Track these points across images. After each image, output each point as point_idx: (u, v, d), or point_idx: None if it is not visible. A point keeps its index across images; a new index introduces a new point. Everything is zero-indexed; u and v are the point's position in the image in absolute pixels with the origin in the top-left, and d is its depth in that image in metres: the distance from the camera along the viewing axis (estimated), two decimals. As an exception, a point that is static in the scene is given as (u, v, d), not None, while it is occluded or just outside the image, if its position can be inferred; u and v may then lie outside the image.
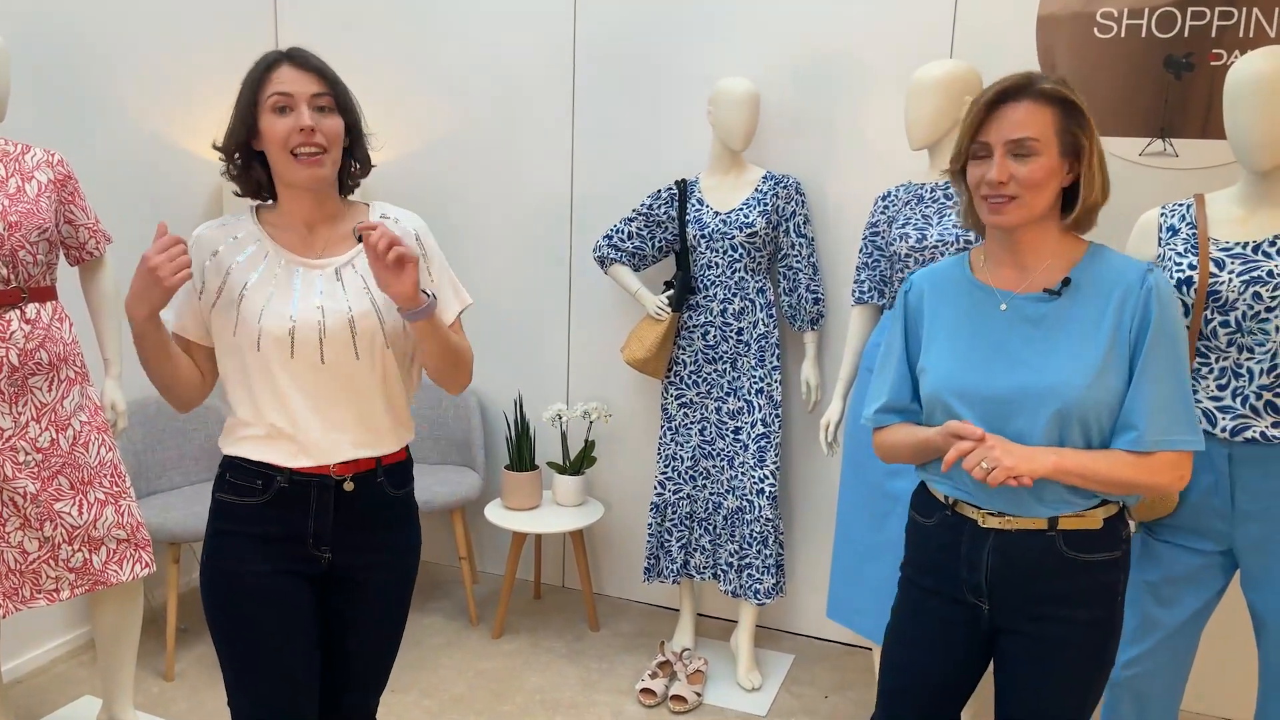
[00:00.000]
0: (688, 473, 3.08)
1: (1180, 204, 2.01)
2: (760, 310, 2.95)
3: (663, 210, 3.06)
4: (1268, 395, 1.84)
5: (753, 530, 2.94)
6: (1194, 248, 1.92)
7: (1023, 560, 1.58)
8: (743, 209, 2.93)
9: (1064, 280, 1.56)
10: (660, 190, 3.07)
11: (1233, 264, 1.87)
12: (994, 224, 1.57)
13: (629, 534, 3.59)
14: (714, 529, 3.08)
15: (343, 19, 3.68)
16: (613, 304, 3.47)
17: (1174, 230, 1.98)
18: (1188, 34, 2.67)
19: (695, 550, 3.12)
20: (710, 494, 3.07)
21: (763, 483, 2.93)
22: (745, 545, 2.97)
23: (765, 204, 2.92)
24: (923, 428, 1.66)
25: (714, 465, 3.05)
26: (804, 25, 3.08)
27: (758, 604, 2.98)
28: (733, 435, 3.00)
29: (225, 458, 1.71)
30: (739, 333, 2.96)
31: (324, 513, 1.68)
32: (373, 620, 1.78)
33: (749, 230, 2.90)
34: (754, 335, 2.95)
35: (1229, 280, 1.85)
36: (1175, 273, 1.92)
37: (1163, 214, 2.02)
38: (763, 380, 2.95)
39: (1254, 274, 1.84)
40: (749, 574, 2.97)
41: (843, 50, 3.04)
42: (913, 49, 2.96)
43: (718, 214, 2.95)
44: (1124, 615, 1.98)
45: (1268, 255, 1.84)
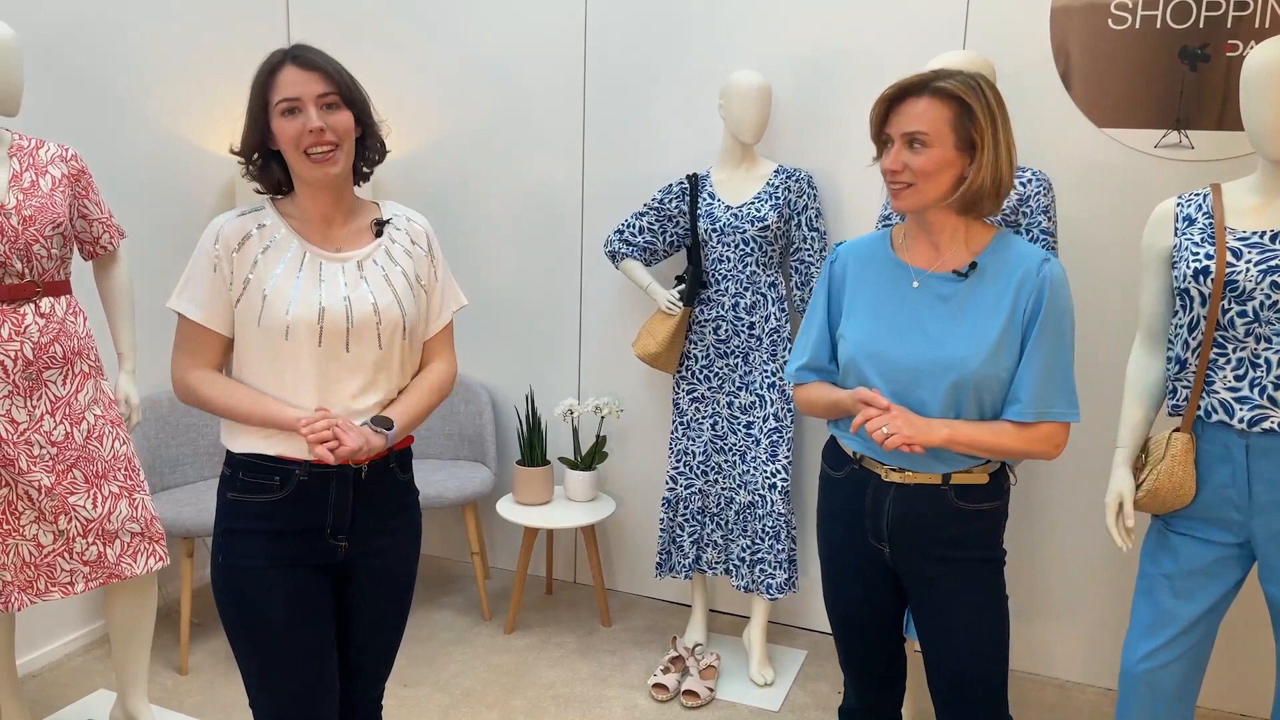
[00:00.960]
0: (699, 468, 3.08)
1: (1197, 193, 1.99)
2: (772, 304, 2.94)
3: (674, 204, 3.05)
4: (1286, 386, 1.82)
5: (765, 525, 2.94)
6: (1211, 237, 1.90)
7: (919, 509, 1.77)
8: (754, 203, 2.92)
9: (970, 264, 1.72)
10: (671, 184, 3.07)
11: (1250, 253, 1.85)
12: (894, 208, 1.73)
13: (641, 529, 3.58)
14: (726, 524, 3.07)
15: (354, 18, 3.68)
16: (624, 299, 3.46)
17: (1190, 220, 1.96)
18: (1203, 24, 2.65)
19: (707, 545, 3.11)
20: (722, 489, 3.06)
21: (775, 477, 2.92)
22: (757, 540, 2.96)
23: (777, 197, 2.91)
24: (837, 389, 1.83)
25: (726, 460, 3.04)
26: (816, 17, 3.07)
27: (770, 599, 2.98)
28: (745, 430, 2.99)
29: (234, 456, 1.69)
30: (751, 327, 2.95)
31: (343, 502, 1.70)
32: (382, 604, 1.80)
33: (761, 224, 2.89)
34: (766, 329, 2.94)
35: (1246, 270, 1.84)
36: (1192, 262, 1.90)
37: (1179, 204, 2.00)
38: (774, 374, 2.94)
39: (1272, 263, 1.82)
40: (761, 569, 2.97)
41: (855, 43, 3.03)
42: (925, 41, 2.94)
43: (729, 208, 2.94)
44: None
45: (1286, 244, 1.83)
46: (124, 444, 2.43)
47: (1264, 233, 1.86)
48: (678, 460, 3.10)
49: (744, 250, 2.92)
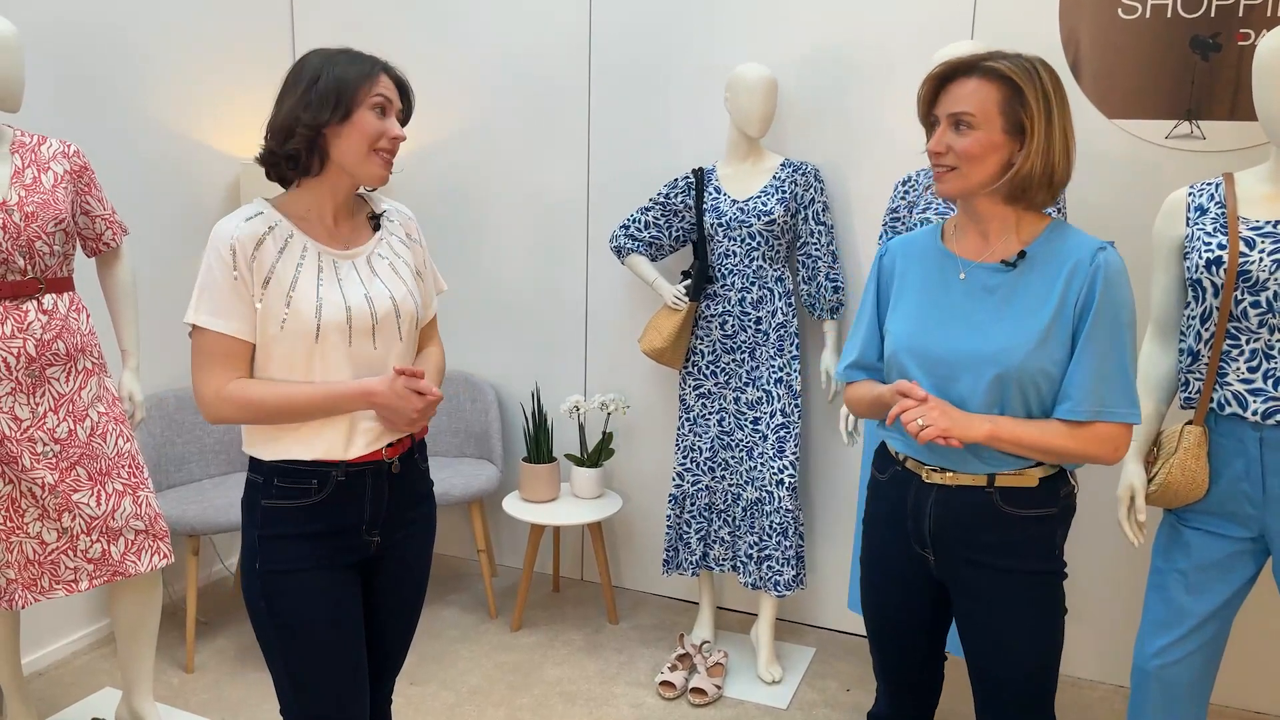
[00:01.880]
0: (706, 464, 3.06)
1: (1209, 183, 1.96)
2: (779, 299, 2.92)
3: (680, 199, 3.03)
4: (1300, 377, 1.80)
5: (772, 522, 2.91)
6: (1223, 227, 1.88)
7: (961, 513, 1.68)
8: (761, 197, 2.89)
9: (1020, 253, 1.63)
10: (677, 179, 3.05)
11: (1263, 243, 1.82)
12: (937, 192, 1.65)
13: (648, 526, 3.56)
14: (733, 521, 3.05)
15: (358, 19, 3.67)
16: (630, 294, 3.45)
17: (1203, 210, 1.93)
18: (1214, 14, 2.62)
19: (714, 542, 3.09)
20: (729, 485, 3.04)
21: (782, 473, 2.90)
22: (765, 537, 2.94)
23: (784, 191, 2.89)
24: (880, 385, 1.76)
25: (733, 456, 3.02)
26: (822, 11, 3.04)
27: (778, 596, 2.95)
28: (751, 426, 2.97)
29: (267, 464, 1.66)
30: (757, 322, 2.93)
31: (379, 497, 1.72)
32: (401, 596, 1.83)
33: (767, 218, 2.86)
34: (772, 324, 2.92)
35: (1260, 259, 1.81)
36: (1204, 252, 1.87)
37: (1191, 193, 1.97)
38: (781, 370, 2.92)
39: (1286, 253, 1.79)
40: (769, 566, 2.94)
41: (862, 36, 3.01)
42: (933, 33, 2.92)
43: (735, 202, 2.92)
44: (1149, 598, 1.94)
45: (1300, 234, 1.80)
46: (128, 441, 2.42)
47: (1277, 222, 1.83)
48: (684, 456, 3.08)
49: (750, 245, 2.90)
